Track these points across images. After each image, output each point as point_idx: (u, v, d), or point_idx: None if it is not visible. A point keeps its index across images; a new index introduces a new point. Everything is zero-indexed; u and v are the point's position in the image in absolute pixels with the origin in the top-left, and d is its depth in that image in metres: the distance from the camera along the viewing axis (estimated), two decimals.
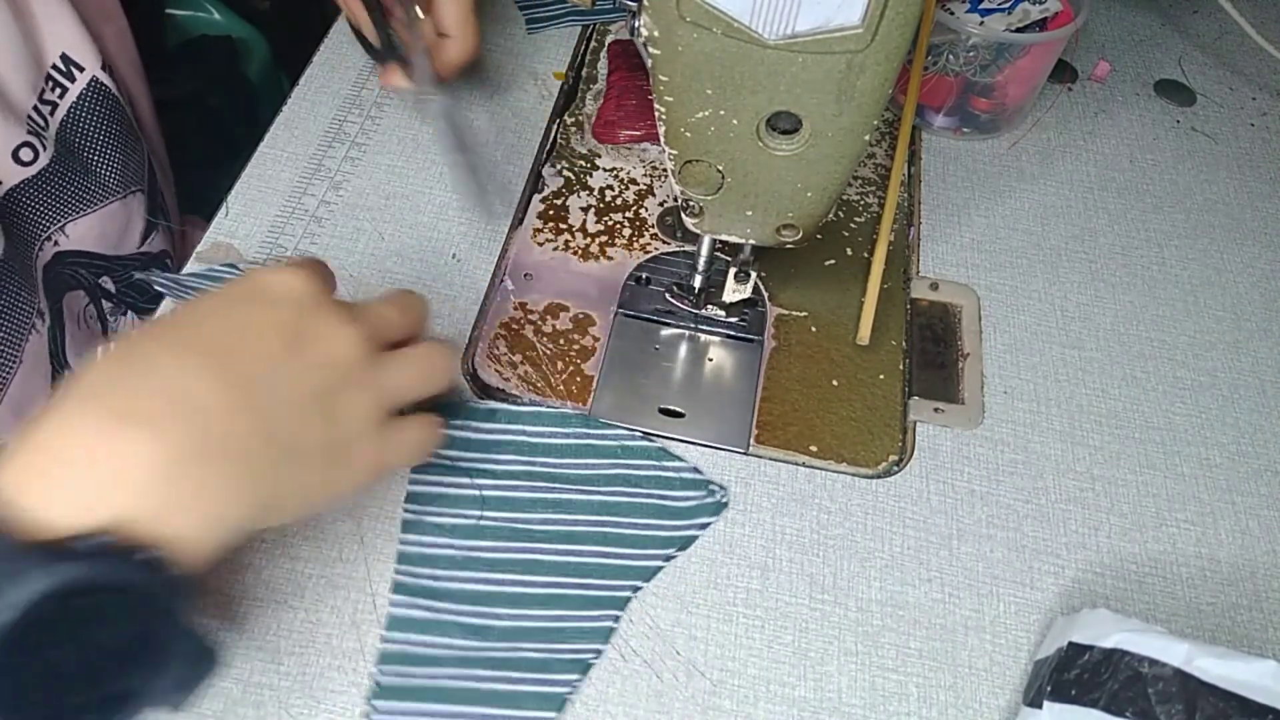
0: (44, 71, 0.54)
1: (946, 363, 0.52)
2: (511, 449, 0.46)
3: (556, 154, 0.61)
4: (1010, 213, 0.60)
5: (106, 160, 0.58)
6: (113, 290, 0.61)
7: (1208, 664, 0.35)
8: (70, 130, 0.56)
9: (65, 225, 0.56)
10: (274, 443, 0.32)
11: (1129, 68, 0.70)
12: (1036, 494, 0.47)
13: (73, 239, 0.57)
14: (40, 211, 0.54)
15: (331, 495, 0.36)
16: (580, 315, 0.53)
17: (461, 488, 0.45)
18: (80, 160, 0.57)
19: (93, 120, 0.57)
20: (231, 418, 0.31)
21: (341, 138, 0.59)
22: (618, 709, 0.40)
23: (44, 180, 0.54)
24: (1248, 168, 0.64)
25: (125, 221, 0.61)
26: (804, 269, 0.56)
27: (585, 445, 0.46)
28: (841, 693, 0.41)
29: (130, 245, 0.62)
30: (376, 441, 0.36)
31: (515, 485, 0.45)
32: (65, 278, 0.58)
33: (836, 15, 0.33)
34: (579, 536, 0.44)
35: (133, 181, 0.61)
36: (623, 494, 0.45)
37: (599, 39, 0.69)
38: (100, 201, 0.58)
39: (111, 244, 0.60)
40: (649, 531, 0.44)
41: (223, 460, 0.31)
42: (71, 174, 0.56)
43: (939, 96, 0.62)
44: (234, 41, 0.96)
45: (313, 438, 0.34)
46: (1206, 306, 0.56)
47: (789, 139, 0.39)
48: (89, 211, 0.58)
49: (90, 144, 0.57)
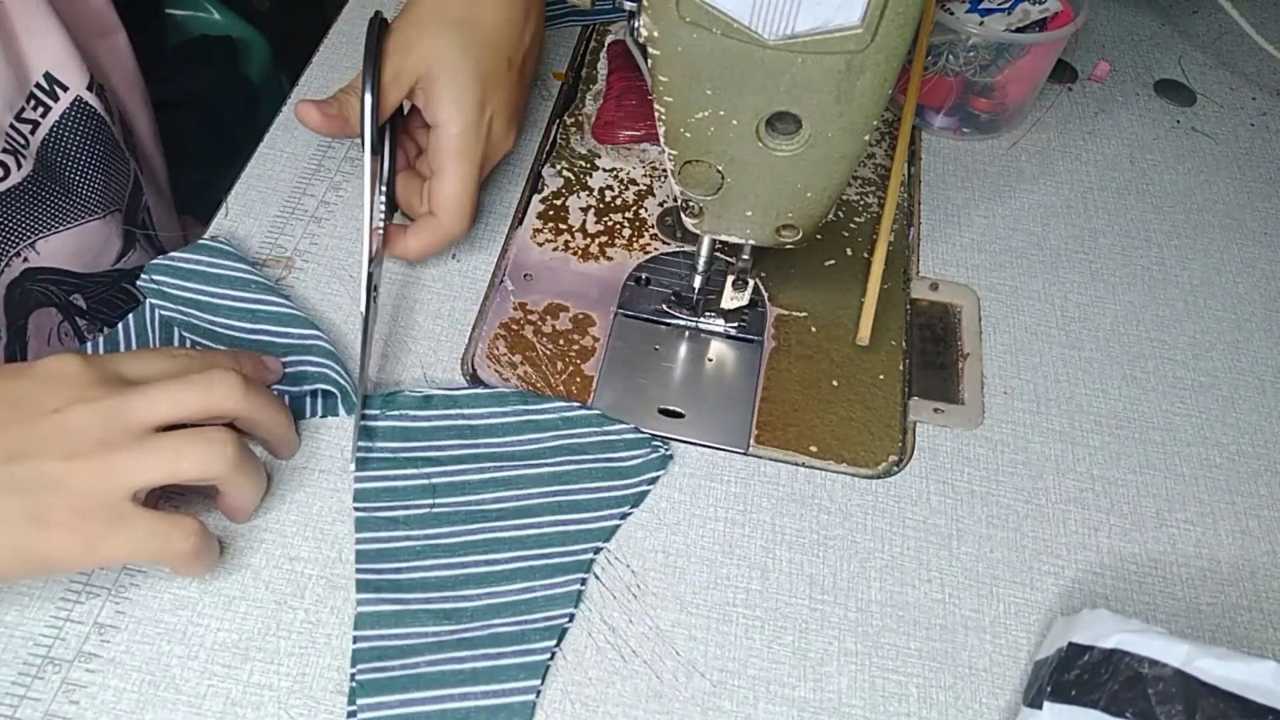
0: (26, 90, 0.53)
1: (946, 363, 0.52)
2: (454, 434, 0.46)
3: (556, 154, 0.61)
4: (1010, 213, 0.60)
5: (87, 180, 0.58)
6: (84, 307, 0.61)
7: (1208, 664, 0.35)
8: (51, 149, 0.55)
9: (36, 242, 0.55)
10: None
11: (1129, 68, 0.70)
12: (1036, 494, 0.47)
13: (44, 256, 0.56)
14: (9, 227, 0.54)
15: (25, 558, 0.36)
16: (580, 315, 0.53)
17: (409, 479, 0.45)
18: (59, 178, 0.56)
19: (75, 140, 0.56)
20: None
21: (341, 138, 0.59)
22: (617, 709, 0.40)
23: (16, 196, 0.53)
24: (1248, 168, 0.64)
25: (102, 241, 0.60)
26: (804, 269, 0.56)
27: (526, 422, 0.47)
28: (841, 693, 0.41)
29: (104, 264, 0.61)
30: (101, 493, 0.36)
31: (463, 469, 0.45)
32: (34, 295, 0.57)
33: (836, 15, 0.33)
34: (534, 509, 0.44)
35: (113, 202, 0.60)
36: (570, 462, 0.45)
37: (599, 39, 0.69)
38: (77, 220, 0.57)
39: (85, 262, 0.59)
40: (601, 494, 0.45)
41: None
42: (48, 192, 0.55)
43: (939, 96, 0.62)
44: (234, 41, 0.96)
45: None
46: (1206, 306, 0.56)
47: (789, 139, 0.39)
48: (63, 229, 0.57)
49: (71, 163, 0.57)
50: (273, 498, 0.44)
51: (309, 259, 0.53)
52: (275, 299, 0.49)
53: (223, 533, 0.42)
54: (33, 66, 0.54)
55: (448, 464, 0.45)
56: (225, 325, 0.48)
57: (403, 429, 0.46)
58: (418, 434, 0.46)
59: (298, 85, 0.62)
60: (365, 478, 0.45)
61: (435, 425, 0.46)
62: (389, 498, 0.44)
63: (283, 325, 0.48)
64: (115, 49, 0.63)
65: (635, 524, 0.45)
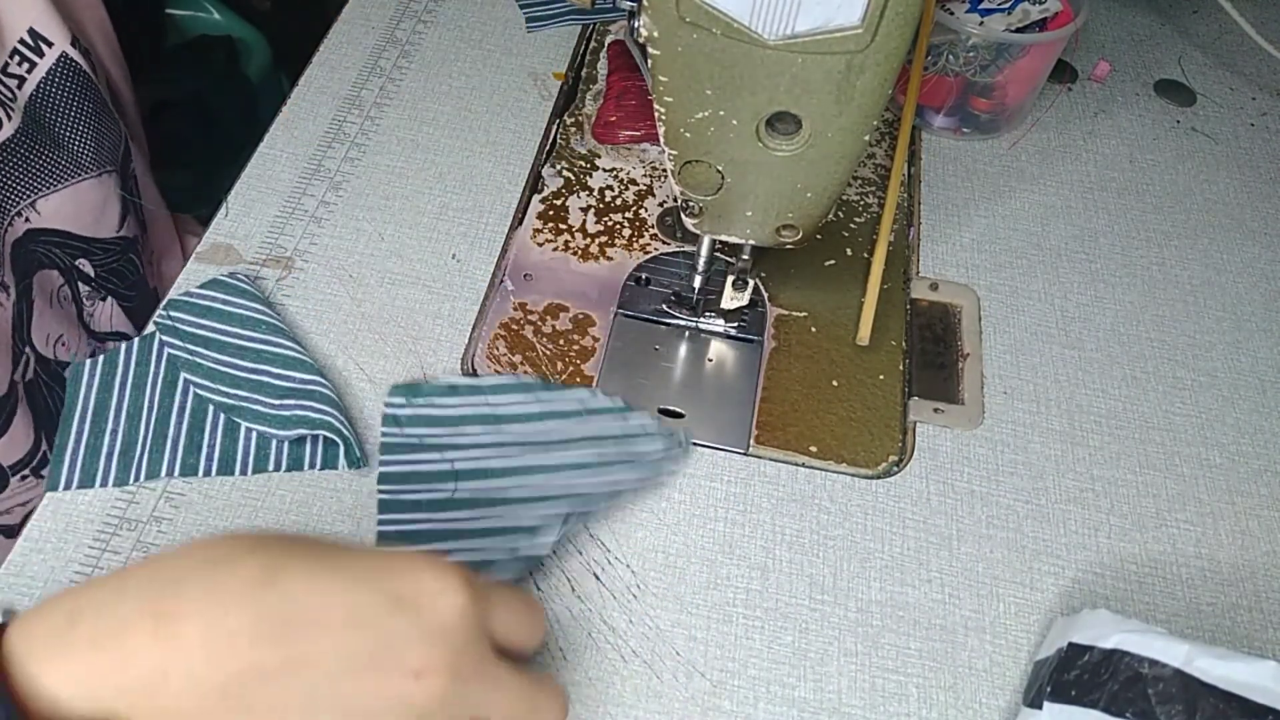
0: (9, 46, 0.54)
1: (946, 363, 0.52)
2: (478, 421, 0.46)
3: (556, 154, 0.61)
4: (1010, 213, 0.60)
5: (79, 135, 0.58)
6: (91, 274, 0.61)
7: (1208, 664, 0.35)
8: (40, 104, 0.56)
9: (35, 201, 0.56)
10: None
11: (1129, 68, 0.70)
12: (1036, 494, 0.47)
13: (44, 215, 0.57)
14: (7, 184, 0.54)
15: None
16: (580, 315, 0.53)
17: (433, 464, 0.45)
18: (49, 134, 0.56)
19: (64, 95, 0.57)
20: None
21: (341, 138, 0.59)
22: (617, 709, 0.40)
23: (10, 151, 0.53)
24: (1248, 168, 0.64)
25: (101, 200, 0.60)
26: (804, 269, 0.56)
27: (549, 411, 0.47)
28: (841, 693, 0.41)
29: (108, 228, 0.61)
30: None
31: (485, 454, 0.45)
32: (37, 256, 0.57)
33: (836, 15, 0.33)
34: (553, 499, 0.44)
35: (107, 160, 0.60)
36: (591, 452, 0.45)
37: (599, 39, 0.69)
38: (72, 178, 0.58)
39: (87, 224, 0.60)
40: (619, 487, 0.45)
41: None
42: (40, 147, 0.55)
43: (939, 96, 0.62)
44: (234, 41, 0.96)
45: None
46: (1206, 306, 0.56)
47: (789, 139, 0.39)
48: (60, 188, 0.57)
49: (61, 118, 0.57)
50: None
51: (309, 259, 0.53)
52: (283, 341, 0.48)
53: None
54: (15, 23, 0.54)
55: (470, 449, 0.45)
56: (228, 364, 0.47)
57: (428, 416, 0.46)
58: (443, 421, 0.46)
59: (298, 85, 0.62)
60: (390, 461, 0.45)
61: (460, 413, 0.46)
62: (413, 481, 0.44)
63: (286, 368, 0.47)
64: (98, 20, 0.63)
65: (635, 524, 0.45)
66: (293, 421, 0.45)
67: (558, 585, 0.43)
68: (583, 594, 0.43)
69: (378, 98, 0.62)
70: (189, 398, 0.47)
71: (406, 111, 0.61)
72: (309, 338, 0.50)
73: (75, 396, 0.47)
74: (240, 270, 0.51)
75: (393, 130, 0.60)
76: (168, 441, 0.46)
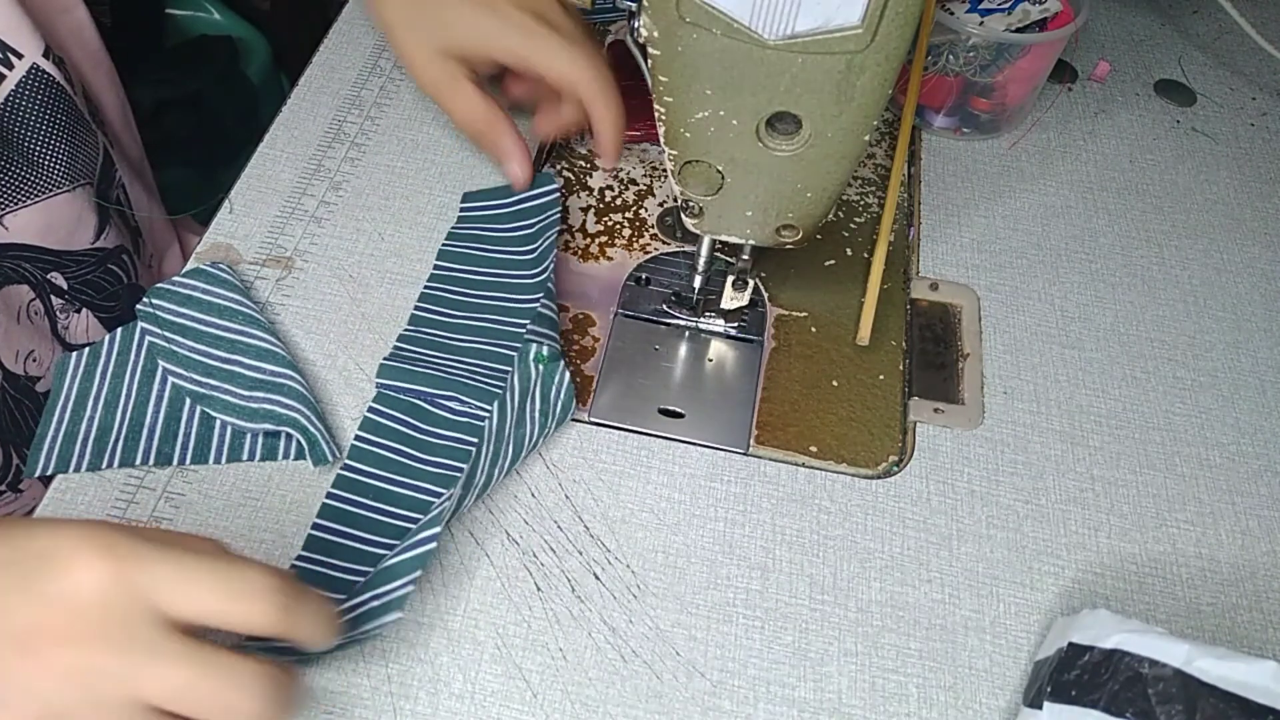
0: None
1: (946, 363, 0.52)
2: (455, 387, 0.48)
3: (556, 154, 0.61)
4: (1010, 213, 0.60)
5: (50, 150, 0.56)
6: (65, 287, 0.59)
7: (1208, 664, 0.35)
8: (9, 118, 0.54)
9: (3, 216, 0.55)
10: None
11: (1129, 68, 0.70)
12: (1036, 494, 0.47)
13: (13, 231, 0.55)
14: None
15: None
16: (580, 315, 0.53)
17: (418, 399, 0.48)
18: (19, 149, 0.55)
19: (34, 108, 0.55)
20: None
21: (341, 138, 0.59)
22: (617, 709, 0.40)
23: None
24: (1248, 168, 0.64)
25: (75, 215, 0.59)
26: (804, 269, 0.56)
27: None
28: (841, 693, 0.41)
29: (83, 240, 0.60)
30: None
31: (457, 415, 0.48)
32: (4, 271, 0.56)
33: (836, 15, 0.33)
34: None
35: (82, 174, 0.59)
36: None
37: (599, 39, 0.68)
38: (44, 193, 0.56)
39: (60, 238, 0.58)
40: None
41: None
42: (10, 163, 0.54)
43: (939, 96, 0.62)
44: (234, 41, 0.96)
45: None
46: (1206, 306, 0.56)
47: (789, 139, 0.39)
48: (30, 203, 0.56)
49: (31, 133, 0.55)
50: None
51: (309, 259, 0.53)
52: (257, 332, 0.48)
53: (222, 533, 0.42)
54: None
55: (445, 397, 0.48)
56: (202, 353, 0.47)
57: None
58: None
59: (298, 85, 0.62)
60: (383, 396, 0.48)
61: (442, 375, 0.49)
62: (401, 409, 0.48)
63: (258, 360, 0.47)
64: (76, 26, 0.61)
65: (635, 524, 0.45)
66: (260, 415, 0.45)
67: (558, 585, 0.43)
68: (583, 594, 0.43)
69: (378, 98, 0.62)
70: (167, 386, 0.47)
71: (406, 111, 0.61)
72: (309, 337, 0.50)
73: (60, 386, 0.47)
74: (241, 270, 0.51)
75: (393, 130, 0.60)
76: (144, 429, 0.46)
